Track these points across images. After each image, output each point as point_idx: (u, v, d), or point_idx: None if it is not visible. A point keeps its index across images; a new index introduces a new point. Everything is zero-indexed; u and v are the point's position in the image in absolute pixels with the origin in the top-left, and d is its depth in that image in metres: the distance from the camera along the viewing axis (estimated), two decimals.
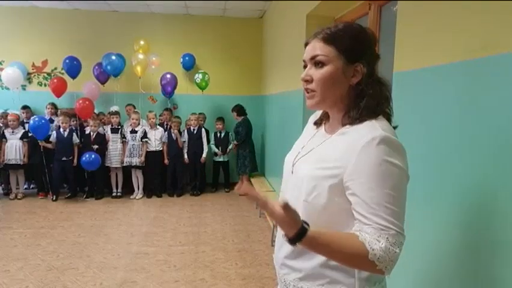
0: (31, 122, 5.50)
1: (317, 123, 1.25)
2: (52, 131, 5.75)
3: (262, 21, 6.93)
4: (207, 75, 6.49)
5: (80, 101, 5.77)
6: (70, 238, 4.22)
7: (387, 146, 0.96)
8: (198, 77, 6.45)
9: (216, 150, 6.42)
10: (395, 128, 1.08)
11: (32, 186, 6.40)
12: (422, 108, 1.71)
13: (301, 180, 1.09)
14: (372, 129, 0.99)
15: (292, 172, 1.17)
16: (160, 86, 6.40)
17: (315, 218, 1.02)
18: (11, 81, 5.96)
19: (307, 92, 1.10)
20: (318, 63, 1.06)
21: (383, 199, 0.95)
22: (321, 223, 1.02)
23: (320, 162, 1.06)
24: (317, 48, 1.06)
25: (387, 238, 0.93)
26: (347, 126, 1.06)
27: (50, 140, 5.67)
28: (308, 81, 1.09)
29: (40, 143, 5.57)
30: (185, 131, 6.26)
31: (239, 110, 6.45)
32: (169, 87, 6.33)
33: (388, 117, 1.09)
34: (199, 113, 6.44)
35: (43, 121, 5.53)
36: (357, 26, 1.09)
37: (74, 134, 5.79)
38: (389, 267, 0.95)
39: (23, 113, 6.11)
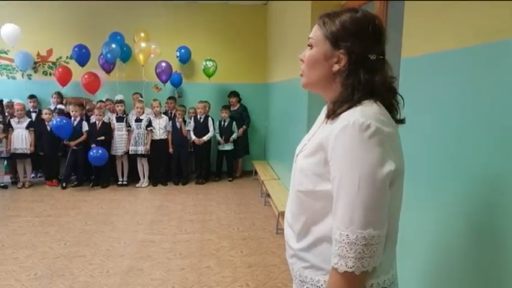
0: (53, 122, 5.54)
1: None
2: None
3: (267, 8, 6.84)
4: (215, 63, 6.47)
5: (86, 76, 5.89)
6: (77, 226, 4.27)
7: (362, 132, 0.92)
8: (208, 64, 6.42)
9: (219, 138, 6.41)
10: (400, 121, 1.06)
11: (39, 175, 6.45)
12: (431, 94, 1.68)
13: (296, 170, 1.12)
14: (351, 114, 0.96)
15: (295, 162, 1.18)
16: (155, 74, 6.37)
17: (307, 206, 1.08)
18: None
19: (301, 71, 1.15)
20: (309, 45, 1.10)
21: (346, 192, 0.94)
22: (314, 211, 1.06)
23: (310, 153, 1.07)
24: (314, 30, 1.10)
25: (340, 247, 0.95)
26: (331, 118, 1.04)
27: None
28: (302, 61, 1.13)
29: (69, 144, 5.72)
30: (192, 118, 6.25)
31: (238, 95, 6.63)
32: (163, 76, 6.29)
33: (390, 107, 1.05)
34: (204, 101, 6.44)
35: (64, 121, 5.57)
36: (355, 13, 1.04)
37: (84, 122, 5.85)
38: (365, 264, 0.94)
39: (30, 102, 6.13)
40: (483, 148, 1.36)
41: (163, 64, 6.27)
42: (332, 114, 1.02)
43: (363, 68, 1.02)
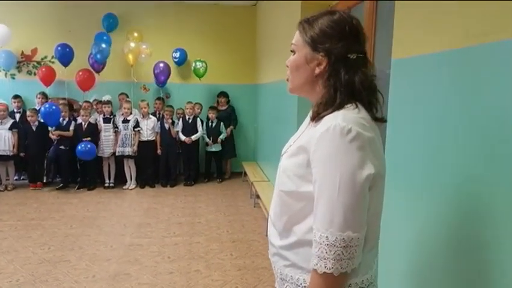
0: (42, 109, 5.42)
1: None
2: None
3: (256, 8, 6.81)
4: (205, 63, 6.42)
5: (81, 73, 5.82)
6: (62, 230, 4.16)
7: (343, 136, 0.94)
8: (198, 64, 6.36)
9: (207, 139, 6.34)
10: (380, 120, 1.07)
11: (22, 177, 6.29)
12: (421, 94, 1.67)
13: (280, 171, 1.14)
14: (332, 119, 0.98)
15: (280, 162, 1.19)
16: (153, 75, 6.29)
17: (289, 206, 1.10)
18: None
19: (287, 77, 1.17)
20: (292, 51, 1.14)
21: (326, 195, 0.96)
22: (295, 211, 1.08)
23: (293, 154, 1.09)
24: (295, 37, 1.13)
25: (319, 248, 0.96)
26: (314, 121, 1.06)
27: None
28: (288, 67, 1.16)
29: (52, 132, 5.60)
30: (180, 119, 6.19)
31: (227, 95, 6.65)
32: (162, 77, 6.22)
33: (371, 106, 1.06)
34: (196, 103, 6.37)
35: (54, 107, 5.45)
36: (332, 15, 1.07)
37: (72, 123, 5.75)
38: (344, 266, 0.96)
39: (14, 102, 5.98)
40: (473, 152, 1.36)
41: (161, 65, 6.20)
42: (316, 117, 1.04)
43: (343, 68, 1.04)
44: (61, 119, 5.66)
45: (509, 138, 1.18)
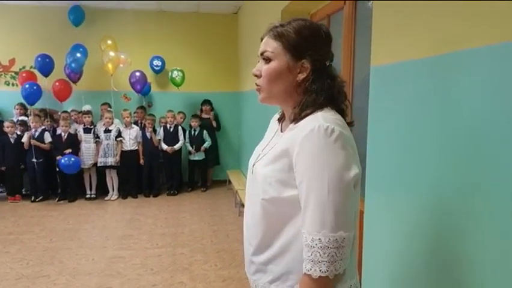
0: (21, 90, 5.37)
1: (280, 120, 1.28)
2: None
3: (237, 17, 6.83)
4: (182, 72, 6.36)
5: (57, 83, 5.72)
6: (41, 244, 4.05)
7: (326, 136, 0.95)
8: (178, 74, 6.32)
9: (190, 148, 6.28)
10: (350, 124, 1.09)
11: (0, 190, 6.12)
12: (401, 102, 1.68)
13: (258, 179, 1.11)
14: (313, 120, 0.99)
15: (252, 172, 1.17)
16: (129, 84, 6.21)
17: (271, 214, 1.07)
18: None
19: (257, 86, 1.13)
20: (266, 59, 1.09)
21: (315, 196, 0.95)
22: (277, 218, 1.06)
23: (271, 160, 1.07)
24: (267, 43, 1.10)
25: (312, 252, 0.95)
26: (294, 123, 1.06)
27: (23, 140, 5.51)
28: (257, 76, 1.12)
29: (32, 142, 5.46)
30: (162, 128, 6.12)
31: (211, 103, 6.64)
32: (138, 85, 6.15)
33: (341, 111, 1.09)
34: (179, 112, 6.32)
35: (35, 87, 5.38)
36: (305, 22, 1.09)
37: (46, 133, 5.61)
38: (338, 267, 0.95)
39: None
40: (452, 159, 1.37)
41: (137, 74, 6.13)
42: (298, 118, 1.04)
43: (324, 74, 1.06)
44: (33, 130, 5.55)
45: (490, 147, 1.18)
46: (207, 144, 6.33)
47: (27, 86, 5.40)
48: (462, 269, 1.32)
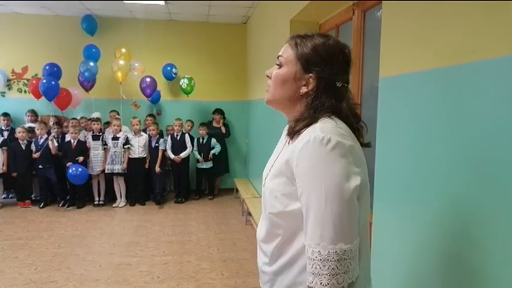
0: (41, 85, 5.42)
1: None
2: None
3: (246, 26, 6.89)
4: (192, 80, 6.41)
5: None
6: (50, 249, 4.08)
7: (322, 146, 0.94)
8: (184, 82, 6.36)
9: (198, 156, 6.30)
10: (365, 145, 1.10)
11: (11, 195, 6.19)
12: (410, 113, 1.68)
13: (265, 193, 1.13)
14: (310, 131, 0.99)
15: (264, 186, 1.18)
16: (140, 89, 6.26)
17: (279, 227, 1.07)
18: None
19: (267, 87, 1.16)
20: (279, 64, 1.12)
21: (314, 207, 0.94)
22: (286, 231, 1.06)
23: (276, 175, 1.08)
24: (285, 49, 1.12)
25: (313, 265, 0.94)
26: (290, 136, 1.07)
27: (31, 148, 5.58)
28: (268, 77, 1.15)
29: (50, 144, 5.55)
30: (169, 136, 6.15)
31: (223, 113, 6.65)
32: (148, 90, 6.18)
33: (354, 130, 1.08)
34: (187, 120, 6.36)
35: (53, 83, 5.45)
36: (327, 39, 1.09)
37: (54, 140, 5.65)
38: (340, 281, 0.93)
39: (3, 120, 5.92)
40: (460, 169, 1.36)
41: (148, 79, 6.18)
42: (292, 133, 1.05)
43: (329, 94, 1.06)
44: (38, 137, 5.62)
45: (500, 157, 1.18)
46: (215, 150, 6.34)
47: (44, 80, 5.45)
48: (474, 280, 1.31)
